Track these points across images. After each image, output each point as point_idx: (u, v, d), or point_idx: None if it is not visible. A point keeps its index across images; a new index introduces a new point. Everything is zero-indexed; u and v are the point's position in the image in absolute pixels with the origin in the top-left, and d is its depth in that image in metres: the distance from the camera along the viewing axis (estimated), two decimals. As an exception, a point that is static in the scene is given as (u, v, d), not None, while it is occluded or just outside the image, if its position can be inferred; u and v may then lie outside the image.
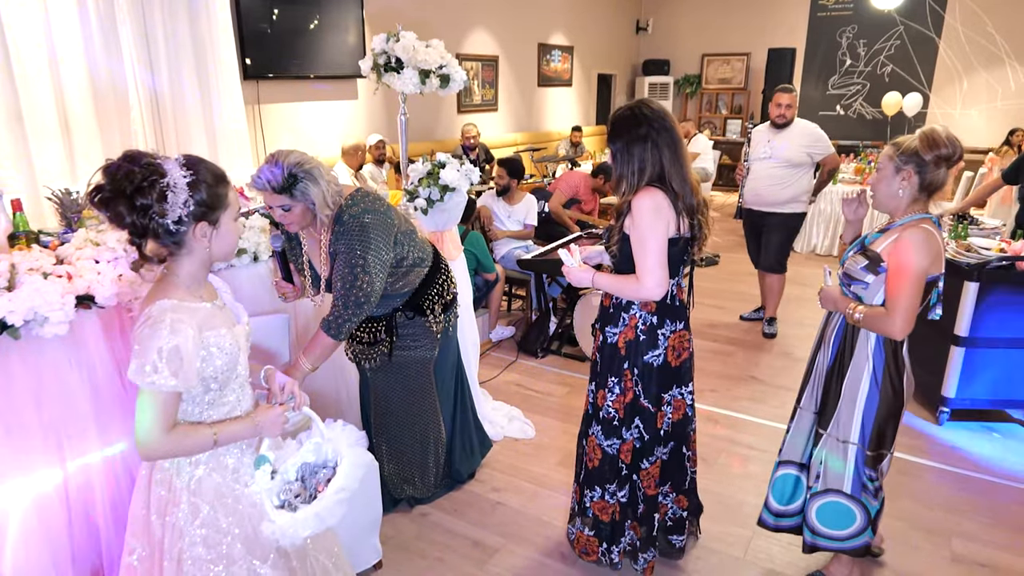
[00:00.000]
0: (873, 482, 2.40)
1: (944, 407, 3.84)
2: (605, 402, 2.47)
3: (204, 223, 1.57)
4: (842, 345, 2.37)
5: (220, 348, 1.61)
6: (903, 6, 9.86)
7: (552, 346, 4.93)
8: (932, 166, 2.17)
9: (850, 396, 2.33)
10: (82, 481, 2.34)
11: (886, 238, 2.25)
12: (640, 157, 2.25)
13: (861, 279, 2.26)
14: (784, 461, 2.62)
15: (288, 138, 6.52)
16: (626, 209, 2.27)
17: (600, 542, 2.63)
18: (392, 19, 6.35)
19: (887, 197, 2.28)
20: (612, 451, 2.50)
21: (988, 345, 3.71)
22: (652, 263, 2.23)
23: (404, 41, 3.71)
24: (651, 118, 2.24)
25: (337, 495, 1.68)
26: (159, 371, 1.48)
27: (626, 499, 2.53)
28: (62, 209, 2.79)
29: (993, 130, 9.99)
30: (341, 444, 1.79)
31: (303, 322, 3.15)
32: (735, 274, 6.95)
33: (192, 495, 1.64)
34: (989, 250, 3.72)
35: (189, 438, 1.59)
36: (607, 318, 2.46)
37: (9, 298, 2.01)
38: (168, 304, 1.54)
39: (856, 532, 2.46)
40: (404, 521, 3.03)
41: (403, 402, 2.91)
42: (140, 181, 1.46)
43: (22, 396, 2.15)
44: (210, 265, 1.67)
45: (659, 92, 12.57)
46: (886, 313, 2.17)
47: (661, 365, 2.40)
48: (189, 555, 1.64)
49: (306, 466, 1.79)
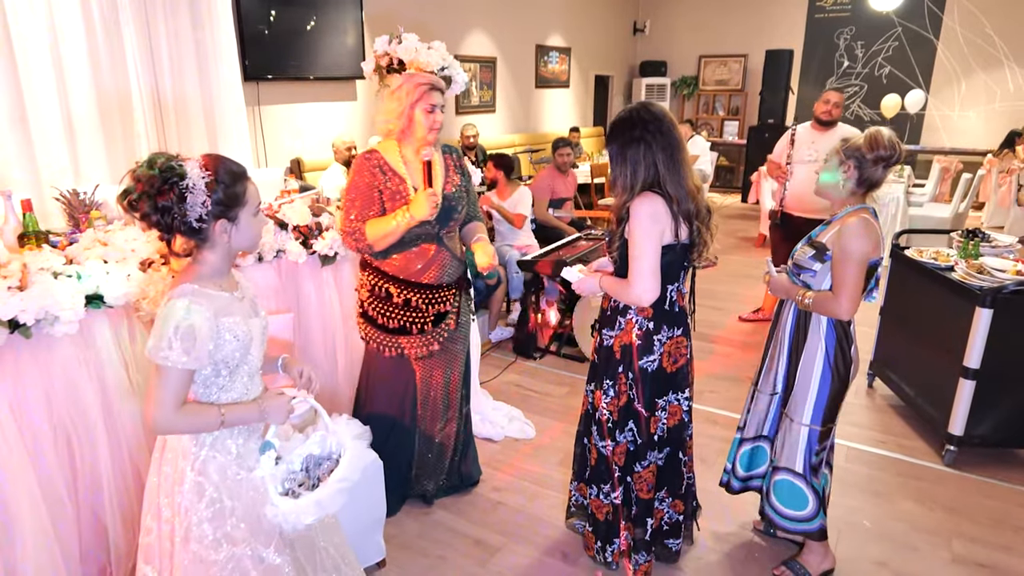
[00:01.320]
0: (817, 456, 2.55)
1: (951, 445, 3.45)
2: (601, 404, 2.51)
3: (224, 220, 1.67)
4: (796, 330, 2.54)
5: (233, 334, 1.70)
6: (901, 7, 9.90)
7: (551, 347, 4.95)
8: (871, 164, 2.36)
9: (804, 379, 2.51)
10: (91, 480, 2.36)
11: (830, 229, 2.43)
12: (633, 160, 2.26)
13: (809, 267, 2.45)
14: (745, 439, 2.82)
15: (289, 139, 6.54)
16: (626, 215, 2.29)
17: (596, 539, 2.69)
18: (391, 21, 6.38)
19: (829, 186, 2.46)
20: (606, 452, 2.54)
21: (1002, 378, 3.30)
22: (642, 269, 2.25)
23: (406, 43, 3.72)
24: (647, 120, 2.25)
25: (339, 484, 1.75)
26: (173, 348, 1.58)
27: (620, 500, 2.56)
28: (70, 210, 2.81)
29: (991, 132, 10.04)
30: (345, 437, 1.87)
31: (306, 322, 3.17)
32: (733, 275, 6.99)
33: (197, 474, 1.71)
34: (1004, 271, 3.34)
35: (197, 416, 1.68)
36: (605, 321, 2.50)
37: (21, 297, 2.04)
38: (189, 288, 1.65)
39: (810, 515, 2.59)
40: (407, 520, 3.05)
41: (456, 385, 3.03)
42: (161, 184, 1.57)
43: (33, 394, 2.18)
44: (233, 257, 1.78)
45: (656, 93, 12.60)
46: (833, 296, 2.35)
47: (656, 370, 2.41)
48: (196, 534, 1.70)
49: (310, 457, 1.87)
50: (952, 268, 3.54)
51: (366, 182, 2.62)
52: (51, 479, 2.25)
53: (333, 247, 3.10)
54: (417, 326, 2.78)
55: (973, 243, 3.70)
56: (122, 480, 2.43)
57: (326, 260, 3.12)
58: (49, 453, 2.24)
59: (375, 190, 2.62)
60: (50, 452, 2.24)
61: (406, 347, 2.81)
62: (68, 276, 2.23)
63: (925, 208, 7.99)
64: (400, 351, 2.82)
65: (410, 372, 2.90)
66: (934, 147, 10.40)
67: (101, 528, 2.42)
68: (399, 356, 2.84)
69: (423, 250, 2.72)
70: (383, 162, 2.63)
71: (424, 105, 2.57)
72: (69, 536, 2.31)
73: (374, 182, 2.62)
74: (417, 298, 2.74)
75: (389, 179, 2.63)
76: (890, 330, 4.12)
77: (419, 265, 2.72)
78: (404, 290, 2.73)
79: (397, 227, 2.55)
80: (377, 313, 2.77)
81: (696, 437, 3.73)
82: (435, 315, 2.80)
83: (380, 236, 2.58)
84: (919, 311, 3.80)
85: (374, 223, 2.58)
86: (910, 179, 8.05)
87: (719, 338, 5.27)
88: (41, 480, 2.21)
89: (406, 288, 2.73)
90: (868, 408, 4.13)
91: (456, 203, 2.75)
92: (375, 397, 2.95)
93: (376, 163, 2.63)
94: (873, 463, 3.51)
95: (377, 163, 2.63)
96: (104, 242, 2.48)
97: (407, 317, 2.76)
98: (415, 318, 2.77)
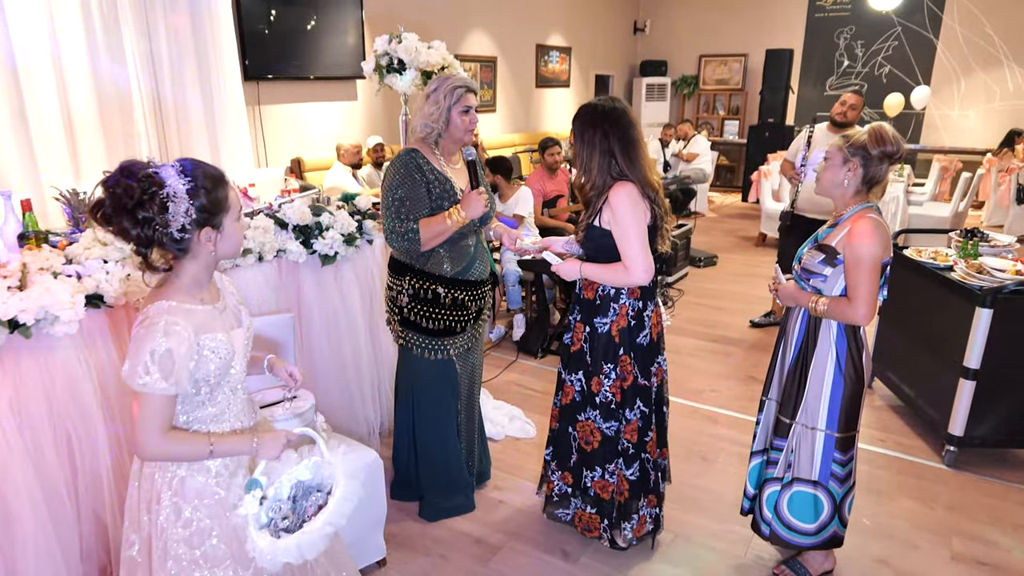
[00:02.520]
0: (843, 467, 2.49)
1: (951, 445, 3.44)
2: (602, 388, 2.60)
3: (208, 228, 1.58)
4: (806, 338, 2.48)
5: (214, 352, 1.61)
6: (901, 7, 9.89)
7: (552, 346, 4.95)
8: (876, 161, 2.31)
9: (816, 384, 2.44)
10: (91, 479, 2.37)
11: (838, 232, 2.36)
12: (590, 141, 2.44)
13: (819, 272, 2.38)
14: (756, 451, 2.74)
15: (289, 139, 6.54)
16: (602, 204, 2.44)
17: (602, 519, 2.75)
18: (391, 20, 6.37)
19: (832, 185, 2.39)
20: (611, 432, 2.64)
21: (1002, 378, 3.29)
22: (638, 250, 2.41)
23: (406, 42, 3.74)
24: (606, 110, 2.44)
25: (323, 529, 1.64)
26: (150, 373, 1.49)
27: (636, 477, 2.66)
28: (70, 209, 2.81)
29: (991, 131, 10.04)
30: (339, 472, 1.73)
31: (307, 322, 3.17)
32: (733, 275, 6.99)
33: (174, 494, 1.64)
34: (1003, 271, 3.33)
35: (185, 444, 1.60)
36: (595, 310, 2.58)
37: (21, 297, 2.04)
38: (166, 306, 1.55)
39: (823, 524, 2.53)
40: (407, 519, 3.05)
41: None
42: (140, 195, 1.47)
43: (33, 394, 2.18)
44: (215, 266, 1.68)
45: (656, 93, 12.60)
46: (848, 302, 2.29)
47: (648, 343, 2.60)
48: (173, 553, 1.65)
49: (300, 485, 1.76)
50: (951, 268, 3.54)
51: (414, 182, 2.61)
52: (51, 478, 2.25)
53: (333, 246, 3.10)
54: (462, 324, 2.81)
55: (972, 243, 3.68)
56: (122, 479, 2.43)
57: (326, 260, 3.12)
58: (49, 452, 2.24)
59: (423, 189, 2.61)
60: (50, 451, 2.24)
61: (451, 347, 2.83)
62: (68, 276, 2.23)
63: (925, 207, 8.00)
64: (447, 353, 2.83)
65: (454, 371, 2.91)
66: (934, 146, 10.41)
67: (101, 527, 2.42)
68: (445, 358, 2.85)
69: (467, 247, 2.76)
70: (426, 162, 2.64)
71: (461, 107, 2.60)
72: (69, 535, 2.31)
73: (422, 181, 2.62)
74: (464, 296, 2.77)
75: (436, 179, 2.64)
76: (889, 330, 4.12)
77: (466, 263, 2.76)
78: (453, 289, 2.75)
79: (451, 227, 2.58)
80: (420, 317, 2.75)
81: (696, 436, 3.77)
82: (476, 311, 2.86)
83: (433, 236, 2.60)
84: (918, 311, 3.80)
85: (426, 223, 2.59)
86: (910, 178, 8.06)
87: (719, 337, 5.27)
88: (41, 479, 2.21)
89: (455, 287, 2.75)
90: (867, 407, 4.11)
91: (491, 200, 2.76)
92: (423, 403, 2.93)
93: (420, 163, 2.63)
94: (873, 461, 3.51)
95: (422, 163, 2.63)
96: (104, 242, 2.48)
97: (454, 316, 2.78)
98: (461, 316, 2.79)
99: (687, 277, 6.87)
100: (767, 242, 8.19)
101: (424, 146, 2.67)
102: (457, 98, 2.59)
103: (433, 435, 2.94)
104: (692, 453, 3.60)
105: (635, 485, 2.67)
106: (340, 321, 3.26)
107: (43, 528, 2.19)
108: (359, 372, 3.38)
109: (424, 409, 2.93)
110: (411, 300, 2.75)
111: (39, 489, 2.19)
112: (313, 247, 3.07)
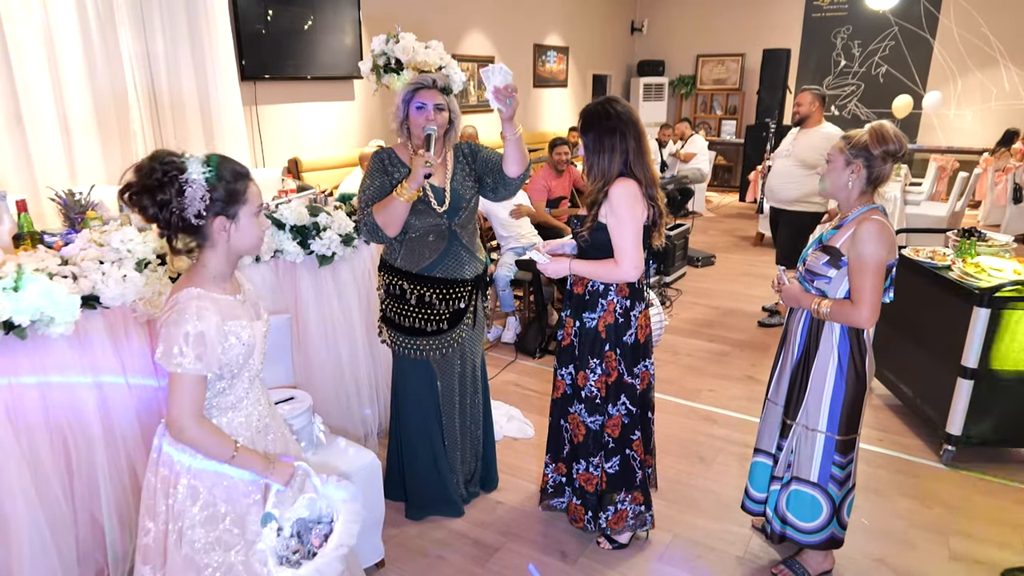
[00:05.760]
0: (842, 469, 2.49)
1: (949, 445, 3.43)
2: (587, 382, 2.64)
3: (222, 217, 1.65)
4: (808, 339, 2.48)
5: (239, 338, 1.69)
6: (897, 7, 9.89)
7: (550, 346, 4.95)
8: (879, 160, 2.30)
9: (817, 386, 2.45)
10: (87, 481, 2.36)
11: (843, 233, 2.34)
12: (611, 145, 2.46)
13: (824, 274, 2.37)
14: (759, 449, 2.75)
15: (286, 139, 6.53)
16: (602, 198, 2.46)
17: (586, 511, 2.79)
18: (388, 20, 6.36)
19: (837, 188, 2.39)
20: (595, 427, 2.68)
21: (1000, 378, 3.29)
22: (630, 246, 2.44)
23: (404, 42, 3.73)
24: (620, 112, 2.47)
25: (337, 551, 1.73)
26: (184, 354, 1.57)
27: (615, 471, 2.70)
28: (65, 210, 2.80)
29: (987, 131, 10.06)
30: (335, 500, 1.83)
31: (304, 323, 3.16)
32: (731, 274, 6.99)
33: (193, 477, 1.70)
34: (1001, 271, 3.37)
35: (214, 437, 1.67)
36: (584, 305, 2.62)
37: (16, 298, 2.02)
38: (195, 292, 1.64)
39: (822, 525, 2.54)
40: (405, 520, 3.05)
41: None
42: (161, 177, 1.57)
43: (29, 396, 2.17)
44: (236, 260, 1.76)
45: (654, 93, 12.61)
46: (852, 305, 2.29)
47: (633, 343, 2.61)
48: (189, 537, 1.69)
49: (301, 522, 1.83)
50: (949, 267, 3.54)
51: (380, 175, 2.69)
52: (47, 481, 2.24)
53: (331, 247, 3.09)
54: (432, 325, 2.77)
55: (970, 242, 3.70)
56: (119, 481, 2.43)
57: (323, 260, 3.11)
58: (45, 455, 2.23)
59: (385, 177, 2.68)
60: (46, 453, 2.23)
61: (424, 348, 2.81)
62: (64, 277, 2.22)
63: (922, 207, 8.01)
64: (420, 353, 2.82)
65: (433, 373, 2.89)
66: (931, 146, 10.43)
67: (98, 530, 2.42)
68: (421, 359, 2.84)
69: (434, 244, 2.73)
70: (393, 156, 2.72)
71: (416, 102, 2.64)
72: (66, 538, 2.30)
73: (383, 171, 2.69)
74: (431, 294, 2.74)
75: (398, 170, 2.69)
76: (886, 330, 4.11)
77: (430, 258, 2.72)
78: (417, 285, 2.73)
79: (397, 200, 2.56)
80: (394, 313, 2.79)
81: (695, 436, 3.77)
82: (451, 314, 2.79)
83: (383, 213, 2.59)
84: (916, 311, 3.80)
85: (378, 205, 2.62)
86: (907, 178, 8.07)
87: (718, 337, 5.27)
88: (37, 482, 2.20)
89: (418, 283, 2.73)
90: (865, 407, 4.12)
91: (465, 194, 2.75)
92: (404, 402, 2.94)
93: (385, 157, 2.72)
94: (871, 460, 3.51)
95: (387, 157, 2.72)
96: (100, 243, 2.46)
97: (421, 315, 2.76)
98: (429, 316, 2.76)
99: (685, 277, 6.87)
100: (765, 241, 8.19)
101: (400, 145, 2.76)
102: (411, 94, 2.64)
103: (413, 436, 2.95)
104: (690, 453, 3.59)
105: (613, 478, 2.71)
106: (337, 321, 3.26)
107: (39, 531, 2.18)
108: (356, 373, 3.37)
109: (404, 408, 2.94)
110: (386, 295, 2.82)
111: (35, 491, 2.18)
112: (310, 247, 3.06)
